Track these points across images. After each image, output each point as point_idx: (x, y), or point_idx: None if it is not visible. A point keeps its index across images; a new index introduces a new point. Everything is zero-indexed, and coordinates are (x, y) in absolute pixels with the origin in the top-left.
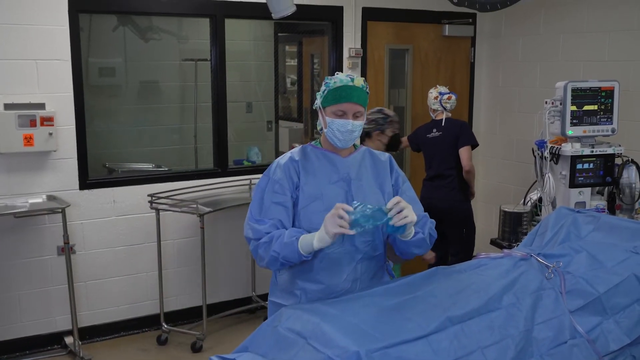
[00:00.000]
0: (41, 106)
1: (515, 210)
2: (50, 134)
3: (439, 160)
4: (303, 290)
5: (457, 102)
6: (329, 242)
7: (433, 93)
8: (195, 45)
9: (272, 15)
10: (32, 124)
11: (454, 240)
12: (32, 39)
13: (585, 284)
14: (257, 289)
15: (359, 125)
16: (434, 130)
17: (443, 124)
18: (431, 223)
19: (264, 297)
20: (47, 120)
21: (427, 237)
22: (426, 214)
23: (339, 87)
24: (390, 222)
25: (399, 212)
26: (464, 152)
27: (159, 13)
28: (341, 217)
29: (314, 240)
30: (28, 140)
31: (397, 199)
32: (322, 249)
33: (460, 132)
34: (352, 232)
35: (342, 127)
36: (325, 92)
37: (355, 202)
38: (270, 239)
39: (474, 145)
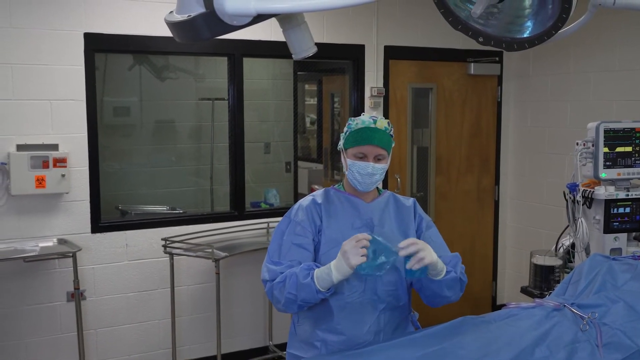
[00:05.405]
0: (54, 147)
1: (547, 264)
2: (63, 175)
3: None
4: (323, 342)
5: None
6: (350, 272)
7: None
8: (212, 84)
9: (293, 56)
10: (45, 165)
11: None
12: (46, 79)
13: (623, 336)
14: (275, 338)
15: (380, 168)
16: None
17: None
18: (462, 268)
19: (281, 346)
20: (60, 162)
21: (459, 279)
22: (456, 254)
23: (360, 128)
24: (407, 266)
25: (415, 254)
26: None
27: (176, 52)
28: (363, 246)
29: (332, 274)
30: (40, 182)
31: (411, 240)
32: (343, 297)
33: None
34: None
35: (362, 170)
36: (347, 133)
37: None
38: (284, 279)
39: None
